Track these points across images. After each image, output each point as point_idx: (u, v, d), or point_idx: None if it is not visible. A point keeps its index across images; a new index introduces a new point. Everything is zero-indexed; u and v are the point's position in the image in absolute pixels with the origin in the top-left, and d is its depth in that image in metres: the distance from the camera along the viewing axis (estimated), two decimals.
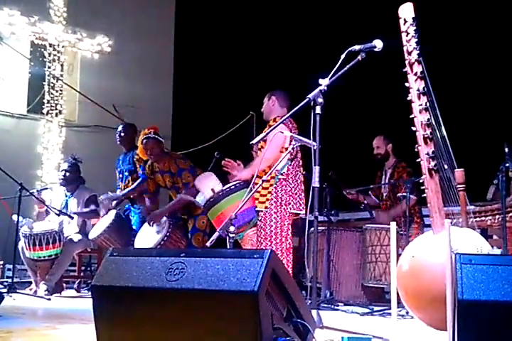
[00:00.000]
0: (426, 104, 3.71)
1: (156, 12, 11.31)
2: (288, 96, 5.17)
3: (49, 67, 10.21)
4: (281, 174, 4.73)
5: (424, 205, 5.09)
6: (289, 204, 4.76)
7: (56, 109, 10.23)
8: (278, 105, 5.09)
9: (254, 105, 5.31)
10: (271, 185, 4.73)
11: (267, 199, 4.74)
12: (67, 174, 6.99)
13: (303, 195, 4.84)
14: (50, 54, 10.24)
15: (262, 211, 4.77)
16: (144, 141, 6.22)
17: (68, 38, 10.35)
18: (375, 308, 5.33)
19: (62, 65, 10.37)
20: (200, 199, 5.73)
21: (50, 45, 10.24)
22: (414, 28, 3.76)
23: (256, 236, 4.87)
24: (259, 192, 4.71)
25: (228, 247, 3.86)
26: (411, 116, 3.76)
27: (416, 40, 3.76)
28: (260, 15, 10.55)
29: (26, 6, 9.83)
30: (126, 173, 6.81)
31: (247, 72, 10.37)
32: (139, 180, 6.59)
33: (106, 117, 10.34)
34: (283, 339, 2.64)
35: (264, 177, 4.36)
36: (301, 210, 4.81)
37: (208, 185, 5.16)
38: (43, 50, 10.29)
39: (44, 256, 6.43)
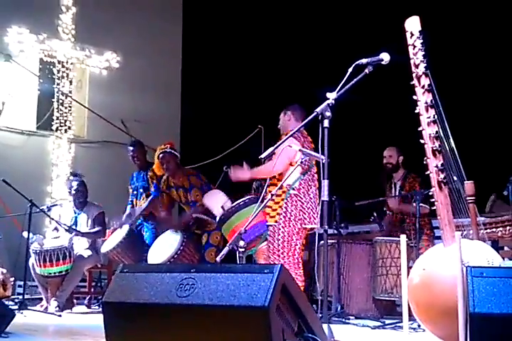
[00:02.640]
0: (434, 117, 3.71)
1: (164, 28, 11.37)
2: (303, 110, 5.18)
3: (58, 84, 10.27)
4: (293, 189, 4.70)
5: (434, 217, 5.08)
6: (299, 219, 4.74)
7: (65, 125, 10.27)
8: (294, 120, 5.13)
9: (263, 119, 5.33)
10: (282, 200, 4.72)
11: (278, 214, 4.73)
12: (80, 193, 7.00)
13: (316, 208, 4.77)
14: (58, 71, 10.30)
15: (271, 225, 4.76)
16: (161, 155, 6.26)
17: (77, 54, 10.42)
18: (387, 321, 5.30)
19: (70, 82, 10.42)
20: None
21: (59, 62, 10.30)
22: (421, 41, 3.77)
23: (267, 250, 4.86)
24: (270, 206, 4.70)
25: (238, 262, 3.86)
26: (419, 129, 3.76)
27: (423, 53, 3.76)
28: (267, 29, 10.60)
29: (35, 24, 9.91)
30: (141, 190, 6.85)
31: (255, 85, 10.40)
32: (149, 198, 6.62)
33: (115, 133, 10.38)
34: None
35: (273, 191, 4.34)
36: (313, 224, 4.77)
37: (217, 202, 5.18)
38: (51, 67, 10.35)
39: (54, 273, 6.43)
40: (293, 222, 4.73)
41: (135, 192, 6.96)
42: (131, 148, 6.98)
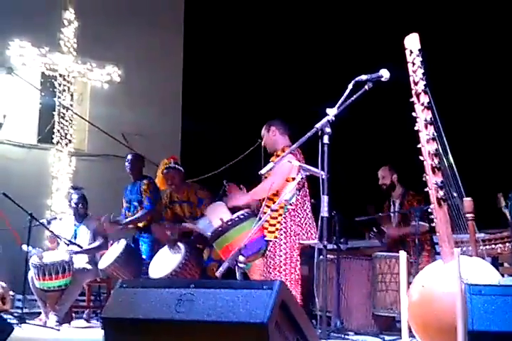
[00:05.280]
0: (433, 134, 3.72)
1: (165, 42, 11.45)
2: (286, 124, 5.14)
3: (59, 97, 10.31)
4: (290, 204, 4.70)
5: (434, 233, 5.07)
6: (298, 234, 4.73)
7: (66, 139, 10.30)
8: (279, 134, 5.07)
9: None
10: (279, 215, 4.70)
11: (276, 229, 4.71)
12: (80, 206, 7.03)
13: (314, 223, 4.80)
14: (60, 84, 10.34)
15: (271, 241, 4.74)
16: (165, 170, 6.26)
17: (78, 68, 10.46)
18: (386, 338, 5.29)
19: (72, 95, 10.47)
20: (204, 224, 5.73)
21: (60, 76, 10.35)
22: (420, 58, 3.79)
23: (264, 265, 4.82)
24: (267, 221, 4.68)
25: (238, 278, 3.86)
26: (418, 146, 3.78)
27: (422, 70, 3.78)
28: (267, 45, 10.68)
29: (37, 37, 9.97)
30: (135, 203, 6.81)
31: (255, 100, 10.45)
32: (142, 211, 6.60)
33: (115, 146, 10.40)
34: None
35: (273, 207, 4.33)
36: (312, 239, 4.75)
37: (217, 214, 5.15)
38: (53, 80, 10.40)
39: (54, 287, 6.41)
40: (293, 237, 4.72)
41: (128, 205, 6.93)
42: (129, 156, 6.98)
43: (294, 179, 4.64)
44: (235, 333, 2.61)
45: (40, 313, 6.75)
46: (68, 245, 6.72)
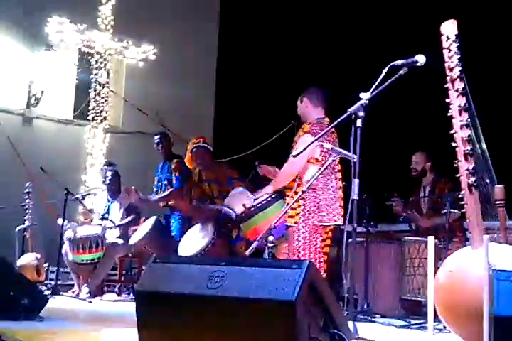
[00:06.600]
0: (467, 120, 3.72)
1: (201, 22, 11.47)
2: (322, 94, 5.09)
3: (95, 74, 10.44)
4: (310, 186, 4.61)
5: (465, 220, 5.06)
6: (318, 217, 4.68)
7: (101, 115, 10.44)
8: (312, 106, 5.03)
9: (296, 114, 5.34)
10: (301, 199, 4.64)
11: (296, 214, 4.69)
12: (113, 182, 7.16)
13: (338, 203, 4.77)
14: (96, 61, 10.47)
15: (291, 226, 4.73)
16: (194, 149, 6.31)
17: (114, 45, 10.57)
18: (412, 321, 5.31)
19: (108, 72, 10.59)
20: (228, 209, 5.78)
21: (97, 53, 10.47)
22: (457, 44, 3.78)
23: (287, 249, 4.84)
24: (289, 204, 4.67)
25: (267, 257, 3.93)
26: (451, 132, 3.78)
27: (458, 56, 3.77)
28: (303, 25, 10.58)
29: (75, 15, 10.08)
30: (165, 182, 6.93)
31: (290, 81, 10.39)
32: (170, 189, 6.69)
33: (150, 124, 10.50)
34: None
35: (303, 189, 4.33)
36: (335, 221, 4.75)
37: (239, 200, 5.21)
38: (90, 57, 10.53)
39: (87, 260, 6.56)
40: (312, 220, 4.68)
41: (159, 184, 7.04)
42: (156, 136, 7.09)
43: (317, 160, 4.66)
44: (263, 310, 2.67)
45: (73, 285, 6.92)
46: (102, 220, 6.85)
